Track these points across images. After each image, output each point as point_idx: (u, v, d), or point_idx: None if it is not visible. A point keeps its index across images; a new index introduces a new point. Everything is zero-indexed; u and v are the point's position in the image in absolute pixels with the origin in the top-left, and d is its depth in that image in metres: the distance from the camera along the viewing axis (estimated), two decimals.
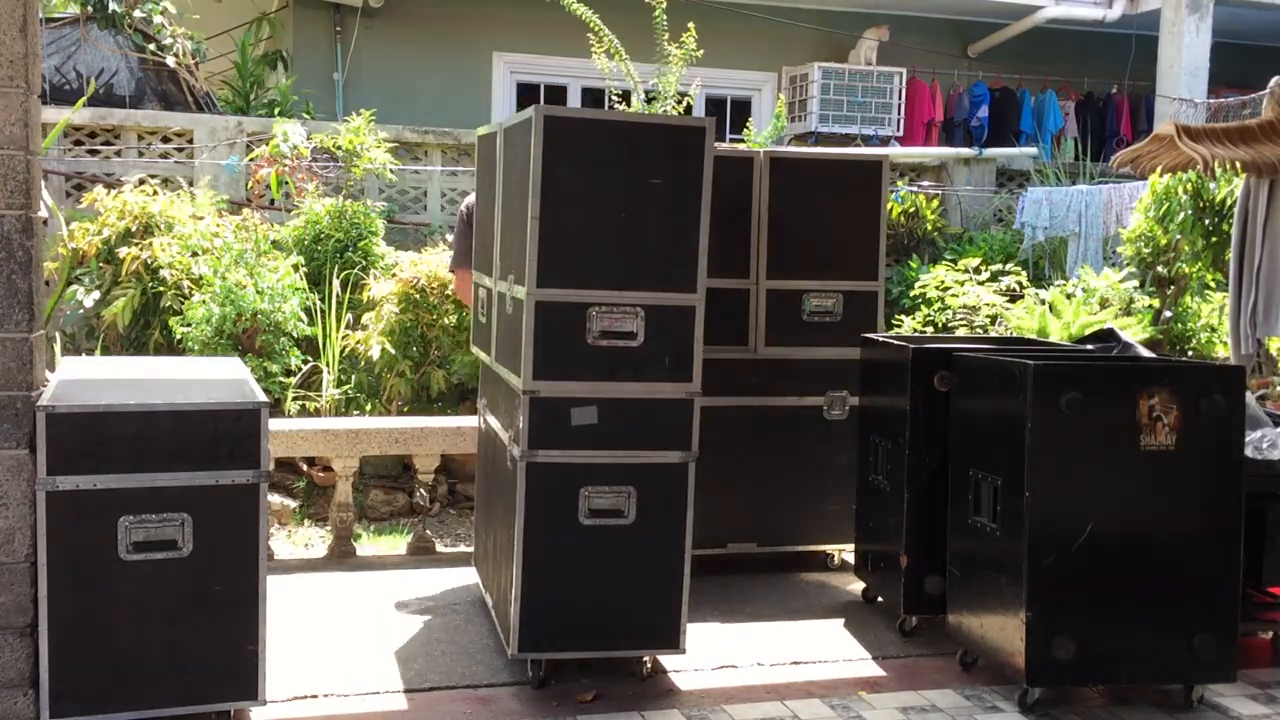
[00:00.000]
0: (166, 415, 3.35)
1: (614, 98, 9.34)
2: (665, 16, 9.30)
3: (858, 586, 5.03)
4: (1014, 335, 7.02)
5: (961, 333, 7.82)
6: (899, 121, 12.33)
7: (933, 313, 8.50)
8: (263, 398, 3.50)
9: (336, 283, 7.51)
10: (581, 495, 3.85)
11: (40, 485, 3.27)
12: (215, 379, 3.75)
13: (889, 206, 8.21)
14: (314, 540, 6.27)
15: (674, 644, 3.97)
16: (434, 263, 7.47)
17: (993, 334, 7.53)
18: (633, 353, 3.85)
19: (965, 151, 11.64)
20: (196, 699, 3.43)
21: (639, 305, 3.84)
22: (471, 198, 4.71)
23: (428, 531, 5.87)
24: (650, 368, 3.87)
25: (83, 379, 3.64)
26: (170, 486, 3.35)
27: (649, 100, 9.26)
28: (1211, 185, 7.44)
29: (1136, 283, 8.14)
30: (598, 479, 3.87)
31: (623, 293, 3.82)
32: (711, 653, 4.28)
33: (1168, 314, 8.21)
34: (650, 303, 3.84)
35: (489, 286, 4.52)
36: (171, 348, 7.12)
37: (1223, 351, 7.70)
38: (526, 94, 12.54)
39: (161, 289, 7.23)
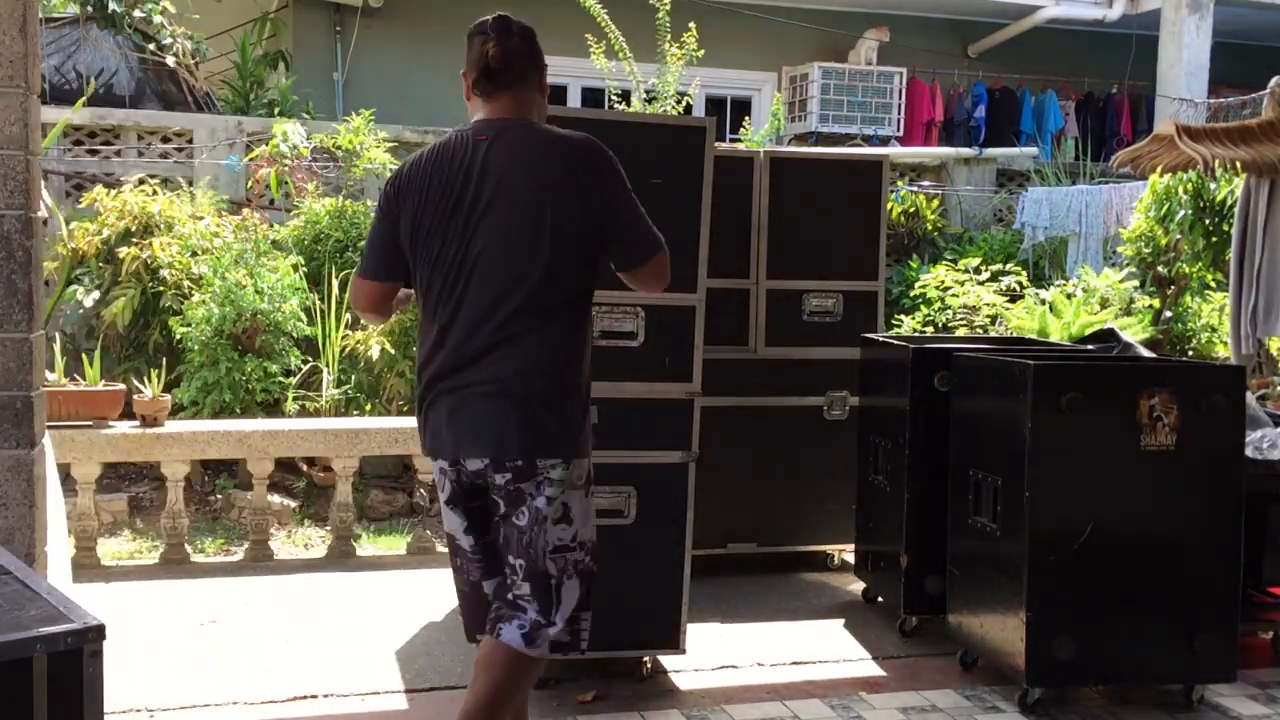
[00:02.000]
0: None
1: (614, 97, 9.33)
2: (668, 18, 9.30)
3: (858, 586, 5.03)
4: (1014, 335, 7.02)
5: (961, 333, 7.82)
6: (899, 121, 12.32)
7: (933, 313, 8.49)
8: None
9: (336, 283, 7.50)
10: None
11: None
12: None
13: (889, 206, 8.20)
14: (314, 541, 6.27)
15: (674, 644, 3.97)
16: None
17: (993, 334, 7.53)
18: (633, 353, 3.85)
19: (965, 151, 11.63)
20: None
21: (639, 305, 3.84)
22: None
23: (427, 531, 5.87)
24: (650, 368, 3.86)
25: None
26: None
27: (649, 100, 9.26)
28: (1211, 185, 7.43)
29: (1136, 283, 8.13)
30: (597, 479, 3.86)
31: (623, 292, 3.82)
32: (711, 653, 4.28)
33: (1168, 314, 8.21)
34: (650, 302, 3.84)
35: None
36: (171, 348, 7.12)
37: (1223, 351, 7.70)
38: None
39: (161, 289, 7.23)
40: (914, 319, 8.61)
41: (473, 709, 2.79)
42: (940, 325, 8.32)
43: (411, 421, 5.95)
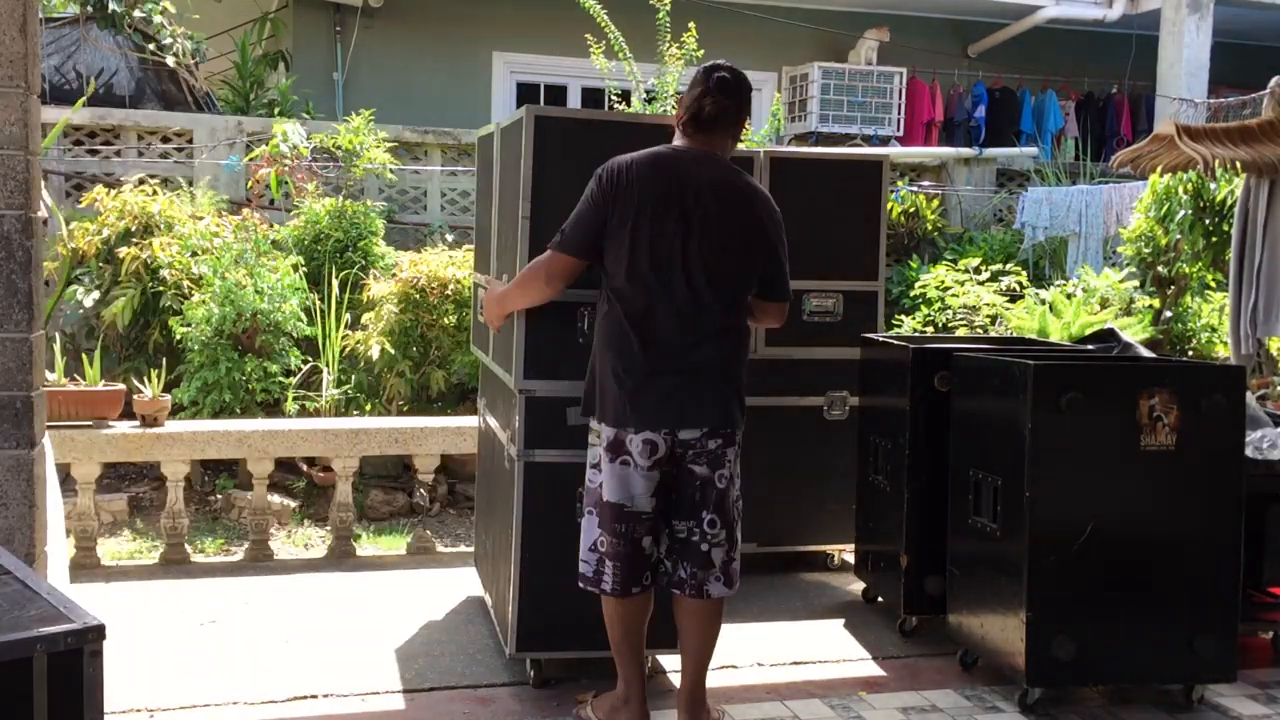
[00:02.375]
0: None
1: (613, 97, 9.33)
2: (668, 19, 9.29)
3: (858, 586, 5.03)
4: (1014, 335, 7.02)
5: (961, 333, 7.82)
6: (899, 121, 12.33)
7: (933, 313, 8.49)
8: None
9: (336, 283, 7.51)
10: (579, 494, 3.85)
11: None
12: None
13: (889, 206, 8.20)
14: (314, 540, 6.27)
15: (671, 643, 3.96)
16: (434, 263, 7.47)
17: (993, 334, 7.53)
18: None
19: (965, 151, 11.63)
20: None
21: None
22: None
23: (427, 531, 5.87)
24: None
25: None
26: None
27: (649, 100, 9.26)
28: (1211, 185, 7.43)
29: (1136, 283, 8.13)
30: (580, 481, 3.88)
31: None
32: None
33: (1168, 314, 8.21)
34: None
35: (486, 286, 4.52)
36: (171, 348, 7.12)
37: (1223, 351, 7.70)
38: (526, 94, 12.54)
39: (161, 289, 7.23)
40: (914, 319, 8.61)
41: (706, 653, 3.55)
42: (940, 325, 8.32)
43: (411, 421, 5.97)
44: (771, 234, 3.50)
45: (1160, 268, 8.19)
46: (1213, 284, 8.18)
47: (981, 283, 8.42)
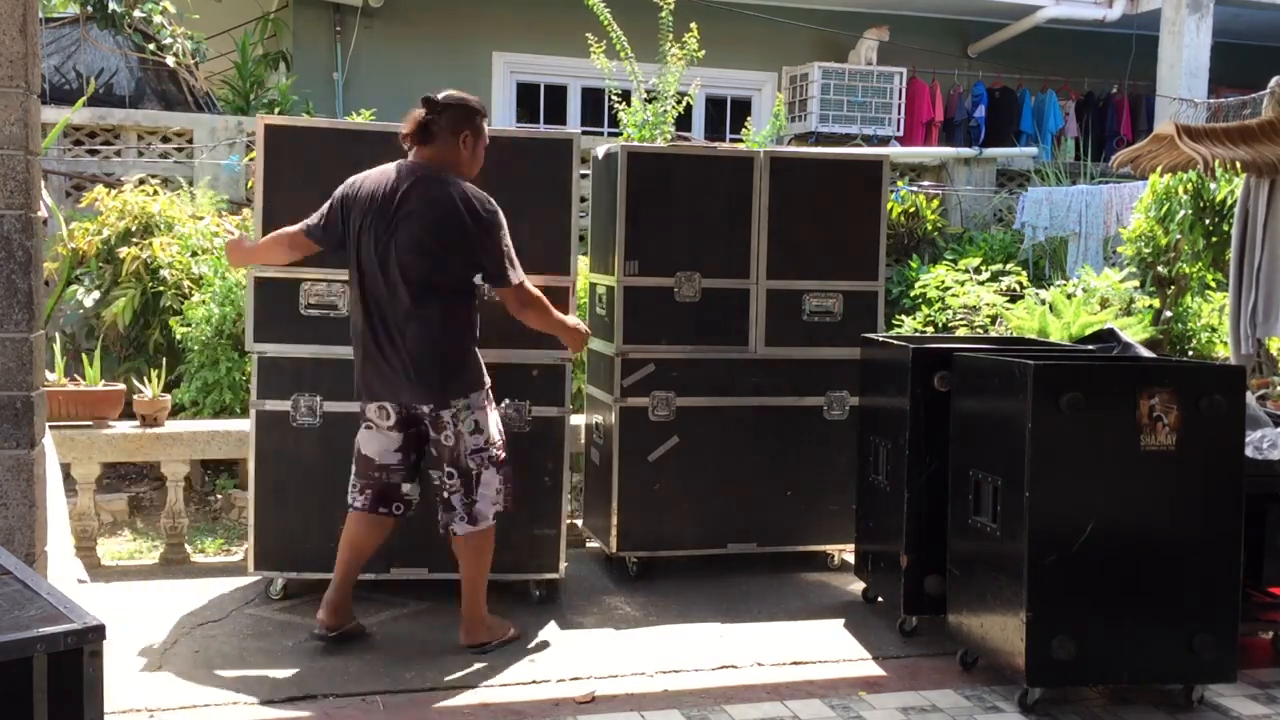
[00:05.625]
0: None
1: (614, 97, 9.33)
2: (671, 18, 9.28)
3: (858, 586, 5.03)
4: (1014, 335, 7.02)
5: (961, 333, 7.81)
6: (899, 121, 12.32)
7: (933, 313, 8.48)
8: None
9: None
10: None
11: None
12: None
13: (889, 206, 8.19)
14: None
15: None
16: None
17: (993, 334, 7.53)
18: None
19: (965, 151, 11.63)
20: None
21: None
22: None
23: None
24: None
25: None
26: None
27: (649, 100, 9.26)
28: (1211, 185, 7.43)
29: (1137, 283, 8.13)
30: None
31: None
32: (711, 653, 4.28)
33: (1168, 314, 8.20)
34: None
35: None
36: (171, 348, 7.12)
37: (1223, 352, 7.69)
38: (526, 94, 12.54)
39: (161, 289, 7.22)
40: (914, 319, 8.60)
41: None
42: (940, 325, 8.31)
43: None
44: None
45: (1160, 268, 8.18)
46: (1213, 284, 8.17)
47: (981, 283, 8.41)
